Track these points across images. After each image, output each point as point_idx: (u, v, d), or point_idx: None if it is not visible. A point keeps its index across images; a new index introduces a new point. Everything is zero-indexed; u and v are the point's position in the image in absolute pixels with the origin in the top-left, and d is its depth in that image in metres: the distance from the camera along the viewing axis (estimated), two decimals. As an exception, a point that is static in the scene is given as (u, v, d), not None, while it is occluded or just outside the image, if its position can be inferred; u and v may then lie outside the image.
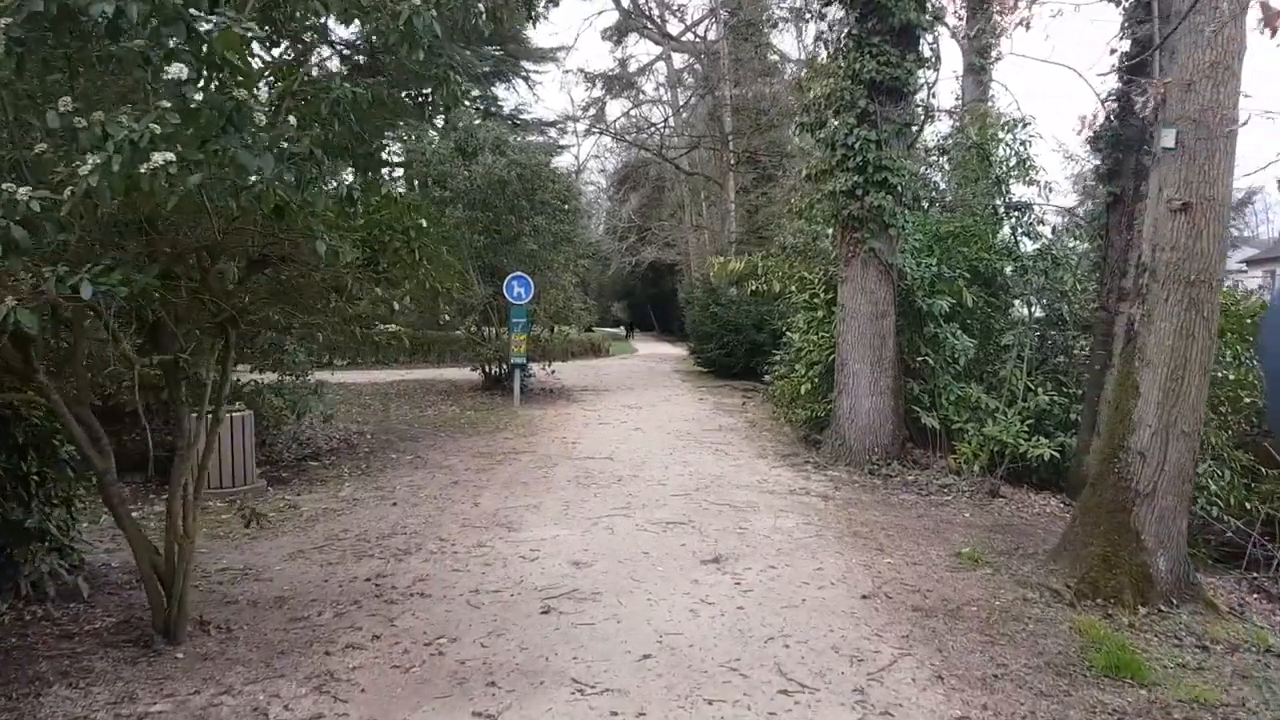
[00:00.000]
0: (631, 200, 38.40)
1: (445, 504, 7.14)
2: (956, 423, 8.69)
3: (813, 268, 10.67)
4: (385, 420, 12.28)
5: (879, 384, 8.66)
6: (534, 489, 7.76)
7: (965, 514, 7.38)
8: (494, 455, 9.57)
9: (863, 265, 8.66)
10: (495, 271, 14.63)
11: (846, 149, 8.47)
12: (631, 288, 55.56)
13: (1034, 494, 8.48)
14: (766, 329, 18.46)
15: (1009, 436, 8.13)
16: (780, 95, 22.22)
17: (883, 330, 8.66)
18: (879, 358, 8.65)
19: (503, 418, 12.79)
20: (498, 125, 14.50)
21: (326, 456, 9.29)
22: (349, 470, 8.63)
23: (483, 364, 15.49)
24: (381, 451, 9.71)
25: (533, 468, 8.81)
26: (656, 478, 8.31)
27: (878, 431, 8.70)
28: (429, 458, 9.39)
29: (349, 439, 10.41)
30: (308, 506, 7.08)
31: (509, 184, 14.00)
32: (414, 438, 10.79)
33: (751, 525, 6.50)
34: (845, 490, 7.98)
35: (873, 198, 8.35)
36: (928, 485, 8.19)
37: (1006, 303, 10.62)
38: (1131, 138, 8.42)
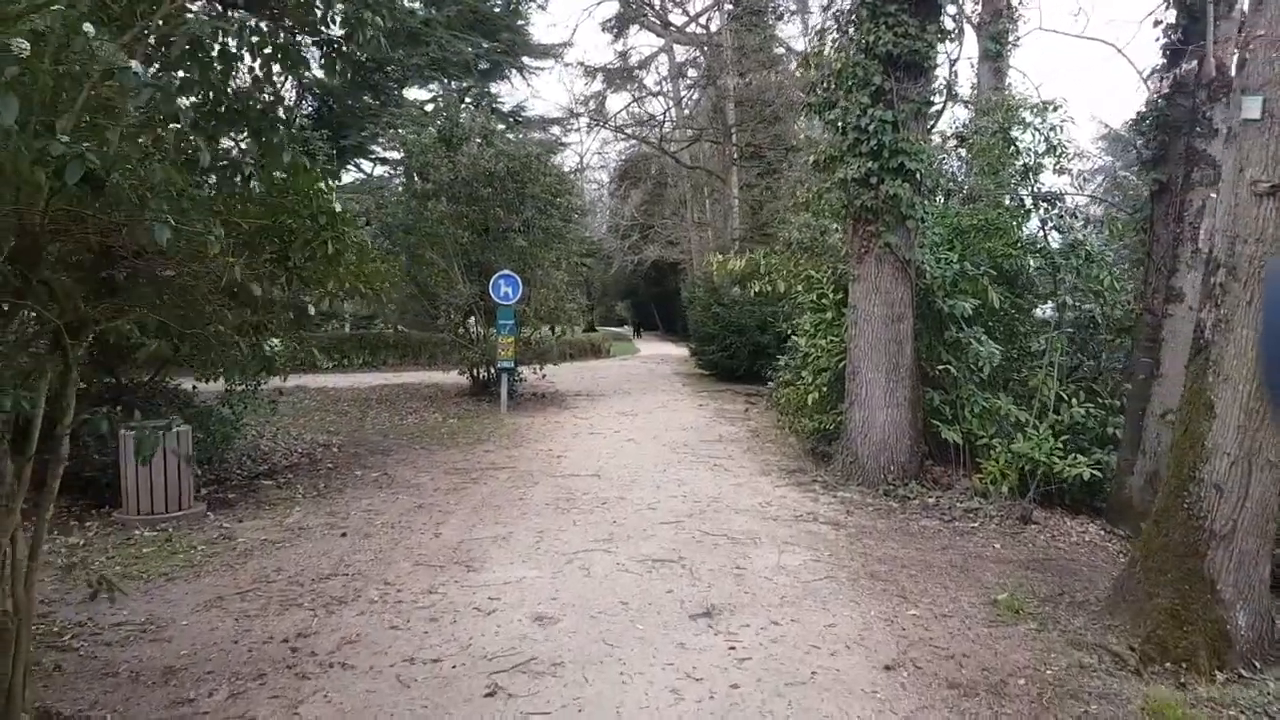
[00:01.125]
0: (633, 197, 37.52)
1: (402, 534, 6.25)
2: (982, 438, 7.79)
3: (820, 265, 9.77)
4: (359, 430, 11.41)
5: (895, 394, 7.75)
6: (506, 514, 6.87)
7: (995, 545, 6.47)
8: (469, 472, 8.68)
9: (877, 262, 7.76)
10: (484, 269, 13.75)
11: (859, 132, 7.57)
12: (635, 287, 54.92)
13: (1069, 519, 7.57)
14: (771, 331, 17.58)
15: (1041, 454, 7.22)
16: (785, 86, 21.31)
17: (899, 334, 7.75)
18: (895, 365, 7.74)
19: (487, 426, 11.90)
20: (485, 114, 13.62)
21: (284, 474, 8.42)
22: (304, 491, 7.75)
23: (470, 368, 14.60)
24: (346, 468, 8.83)
25: (509, 487, 7.93)
26: (646, 500, 7.42)
27: (894, 448, 7.79)
28: (397, 475, 8.51)
29: (313, 452, 9.54)
30: (246, 537, 6.20)
31: (496, 176, 13.10)
32: (385, 450, 9.91)
33: (751, 563, 5.60)
34: (858, 516, 7.08)
35: (888, 186, 7.44)
36: (951, 509, 7.28)
37: (1032, 303, 9.70)
38: (1179, 119, 7.51)
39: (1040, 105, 9.29)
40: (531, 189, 13.81)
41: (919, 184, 7.66)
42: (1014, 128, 9.37)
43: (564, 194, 14.19)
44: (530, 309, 14.12)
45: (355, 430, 11.36)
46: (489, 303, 13.45)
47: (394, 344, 20.97)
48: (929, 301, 8.17)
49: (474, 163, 12.69)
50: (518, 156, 13.30)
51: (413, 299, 14.28)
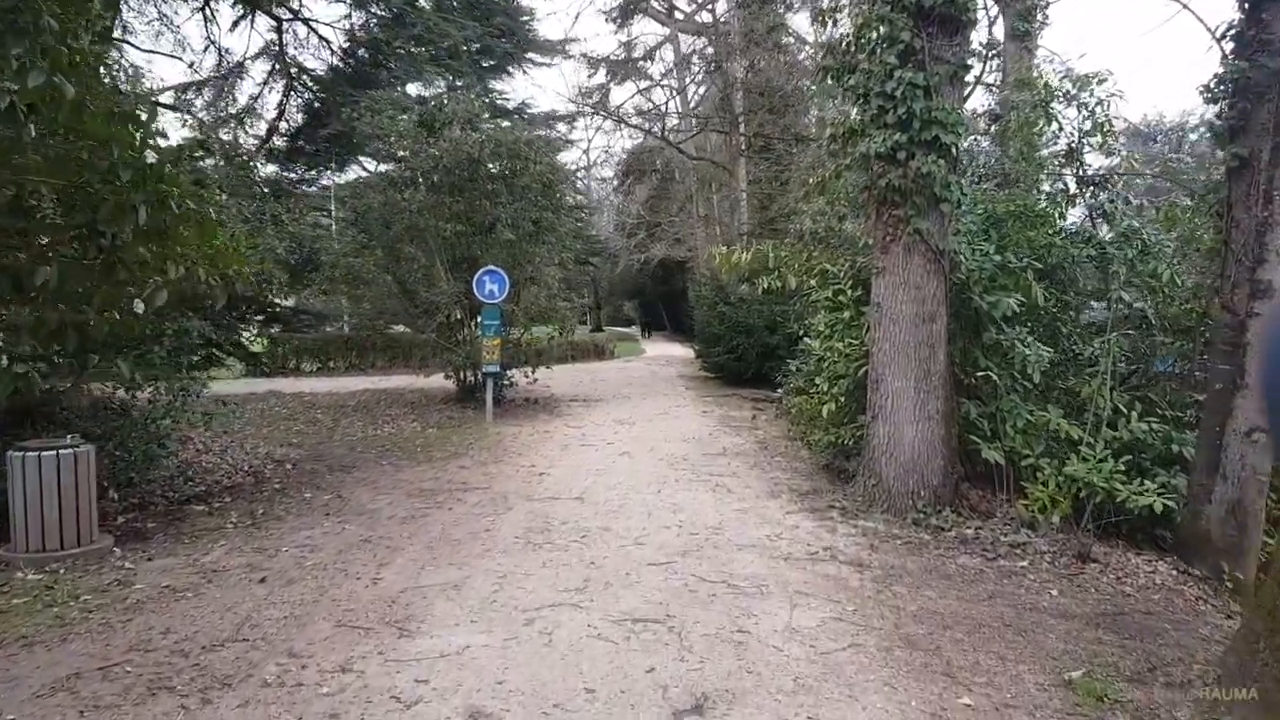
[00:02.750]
0: (637, 193, 36.44)
1: (333, 580, 5.16)
2: (1027, 457, 6.65)
3: (836, 258, 8.65)
4: (325, 442, 10.33)
5: (926, 407, 6.62)
6: (466, 552, 5.77)
7: (1052, 590, 5.35)
8: (436, 494, 7.60)
9: (905, 252, 6.63)
10: (470, 265, 12.65)
11: (884, 99, 6.44)
12: (642, 286, 54.06)
13: (1132, 554, 6.42)
14: (780, 331, 16.47)
15: (1100, 478, 6.10)
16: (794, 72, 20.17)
17: (931, 337, 6.62)
18: (926, 373, 6.61)
19: (468, 437, 10.82)
20: (471, 99, 12.52)
21: (221, 496, 7.35)
22: (238, 518, 6.67)
23: (455, 372, 13.50)
24: (295, 489, 7.75)
25: (477, 514, 6.83)
26: (634, 532, 6.31)
27: (924, 469, 6.66)
28: (351, 498, 7.43)
29: (263, 469, 8.46)
30: (146, 582, 5.13)
31: (481, 163, 12.00)
32: (347, 467, 8.83)
33: (757, 624, 4.49)
34: (885, 552, 5.95)
35: (919, 162, 6.31)
36: (993, 544, 6.15)
37: (1075, 301, 8.55)
38: (1262, 82, 6.35)
39: (1084, 77, 8.17)
40: (521, 178, 12.72)
41: (955, 160, 6.53)
42: (1055, 102, 8.27)
43: (557, 184, 13.05)
44: (519, 308, 13.01)
45: (321, 442, 10.29)
46: (474, 301, 12.37)
47: (383, 346, 19.93)
48: (964, 298, 7.05)
49: (456, 148, 11.59)
50: (504, 142, 12.20)
51: (390, 297, 13.18)
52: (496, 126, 12.73)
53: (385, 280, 12.72)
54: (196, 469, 8.01)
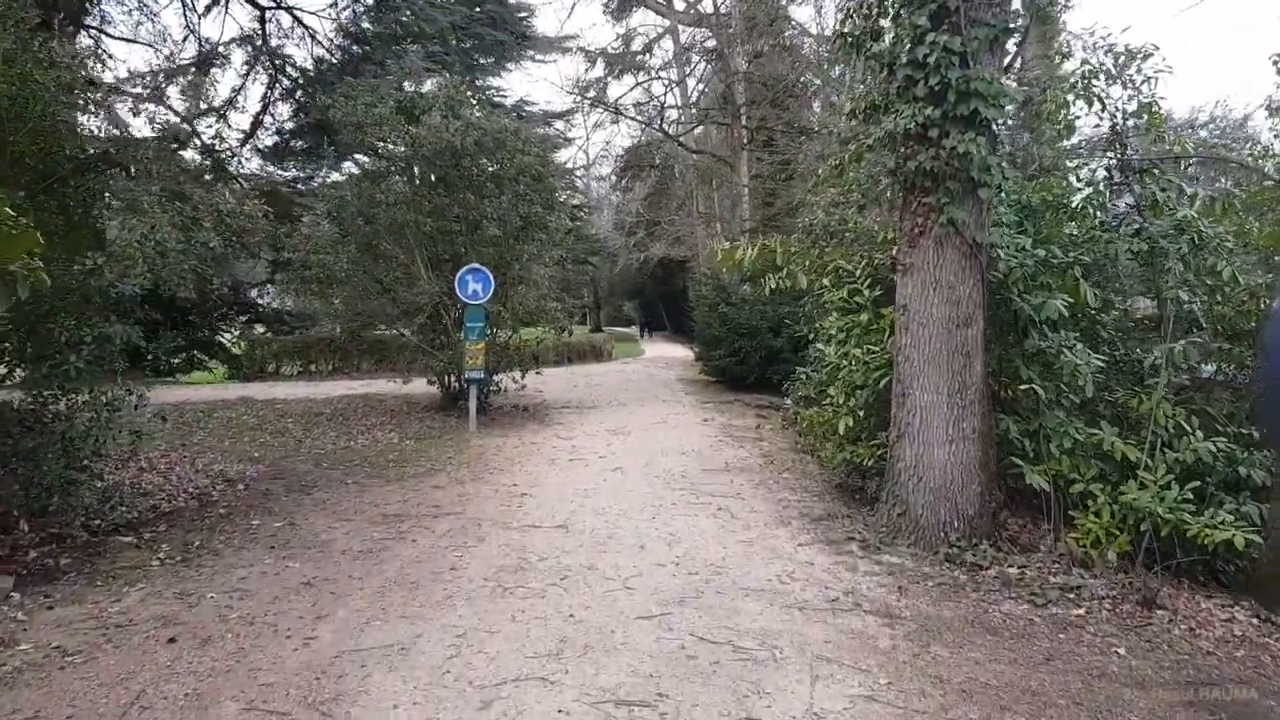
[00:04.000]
0: (636, 190, 35.56)
1: (257, 640, 4.28)
2: (1076, 482, 5.76)
3: (851, 255, 7.76)
4: (289, 456, 9.45)
5: (961, 425, 5.73)
6: (423, 599, 4.89)
7: (1118, 649, 4.47)
8: (401, 520, 6.72)
9: (936, 246, 5.74)
10: (456, 263, 11.75)
11: (914, 67, 5.55)
12: (641, 286, 53.30)
13: (1201, 596, 5.54)
14: (785, 333, 15.59)
15: (1164, 508, 5.22)
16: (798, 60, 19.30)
17: (966, 343, 5.73)
18: (960, 385, 5.73)
19: (447, 450, 9.93)
20: (454, 83, 11.62)
21: (156, 524, 6.46)
22: (168, 553, 5.79)
23: (439, 377, 12.60)
24: (243, 514, 6.86)
25: (444, 548, 5.95)
26: (623, 571, 5.42)
27: (958, 496, 5.77)
28: (305, 525, 6.54)
29: (211, 490, 7.57)
30: (33, 640, 4.25)
31: (465, 153, 11.11)
32: (308, 486, 7.95)
33: (771, 707, 3.60)
34: (916, 597, 5.07)
35: (955, 141, 5.42)
36: (1042, 586, 5.26)
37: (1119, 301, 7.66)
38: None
39: (1128, 52, 7.29)
40: (507, 169, 11.84)
41: (995, 139, 5.64)
42: (1097, 81, 7.39)
43: (547, 176, 12.16)
44: (506, 309, 12.12)
45: (285, 456, 9.40)
46: (457, 302, 11.49)
47: (368, 349, 19.04)
48: (1002, 299, 6.16)
49: (436, 136, 10.69)
50: (490, 131, 11.30)
51: (368, 298, 12.29)
52: (482, 114, 11.79)
53: (361, 279, 11.83)
54: (133, 491, 7.12)
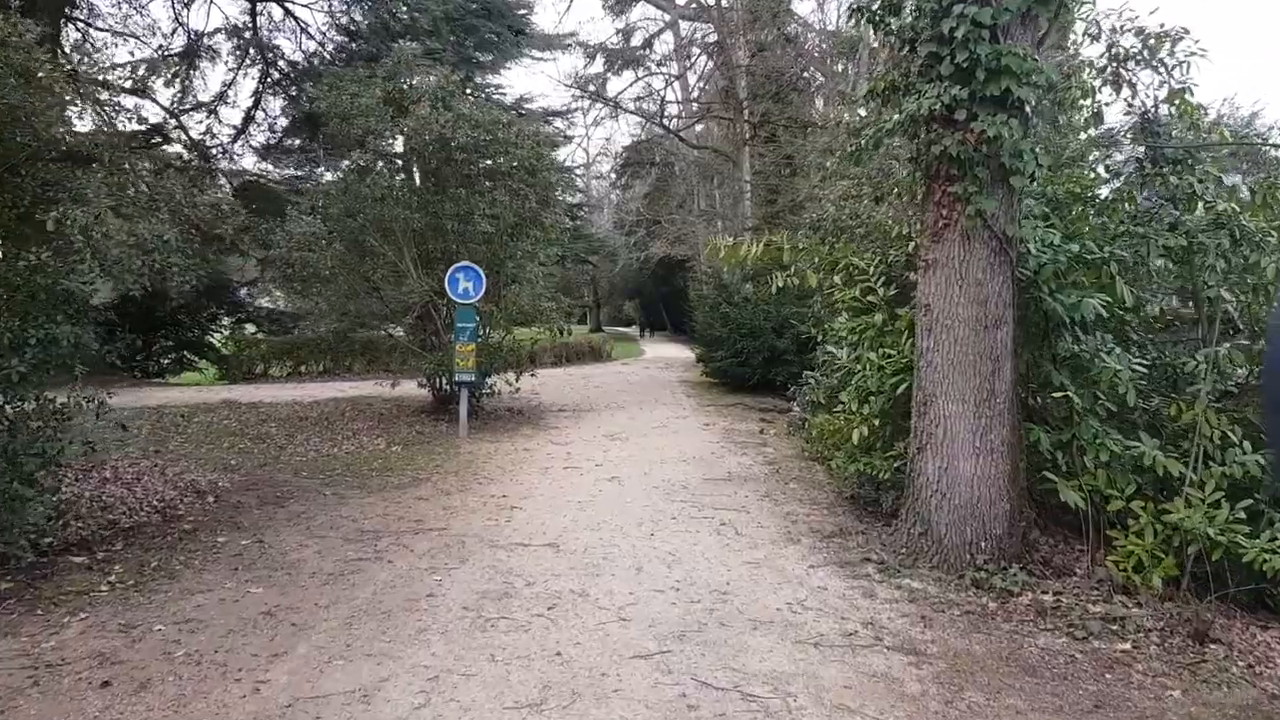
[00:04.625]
0: (636, 188, 35.07)
1: (201, 683, 3.77)
2: (1114, 499, 5.25)
3: (864, 251, 7.26)
4: (268, 464, 8.94)
5: (988, 436, 5.23)
6: (394, 633, 4.39)
7: (1173, 691, 3.97)
8: (379, 537, 6.21)
9: (963, 240, 5.24)
10: (447, 260, 11.24)
11: (939, 42, 5.05)
12: (642, 285, 52.91)
13: (1257, 628, 5.03)
14: (789, 334, 15.09)
15: (1217, 529, 4.73)
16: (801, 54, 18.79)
17: (995, 348, 5.23)
18: (989, 393, 5.22)
19: (435, 458, 9.42)
20: (444, 72, 11.09)
21: (113, 541, 5.95)
22: (121, 575, 5.28)
23: (430, 379, 12.09)
24: (209, 530, 6.35)
25: (423, 570, 5.44)
26: (618, 599, 4.91)
27: (985, 514, 5.27)
28: (275, 543, 6.04)
29: (178, 503, 7.06)
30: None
31: (455, 145, 10.60)
32: (283, 498, 7.44)
33: (785, 771, 3.11)
34: (943, 628, 4.57)
35: (984, 123, 4.92)
36: (1081, 617, 4.75)
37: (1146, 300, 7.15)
38: None
39: (1159, 34, 6.78)
40: (500, 162, 11.33)
41: (1028, 120, 5.13)
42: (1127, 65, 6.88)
43: (542, 170, 11.64)
44: (500, 309, 11.61)
45: (263, 465, 8.89)
46: (448, 301, 10.99)
47: (360, 350, 18.53)
48: (1030, 299, 5.65)
49: (424, 126, 10.18)
50: (481, 123, 10.78)
51: (353, 297, 11.79)
52: (473, 103, 11.26)
53: (348, 278, 11.32)
54: (93, 505, 6.61)
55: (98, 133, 11.37)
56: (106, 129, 18.44)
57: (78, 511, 6.28)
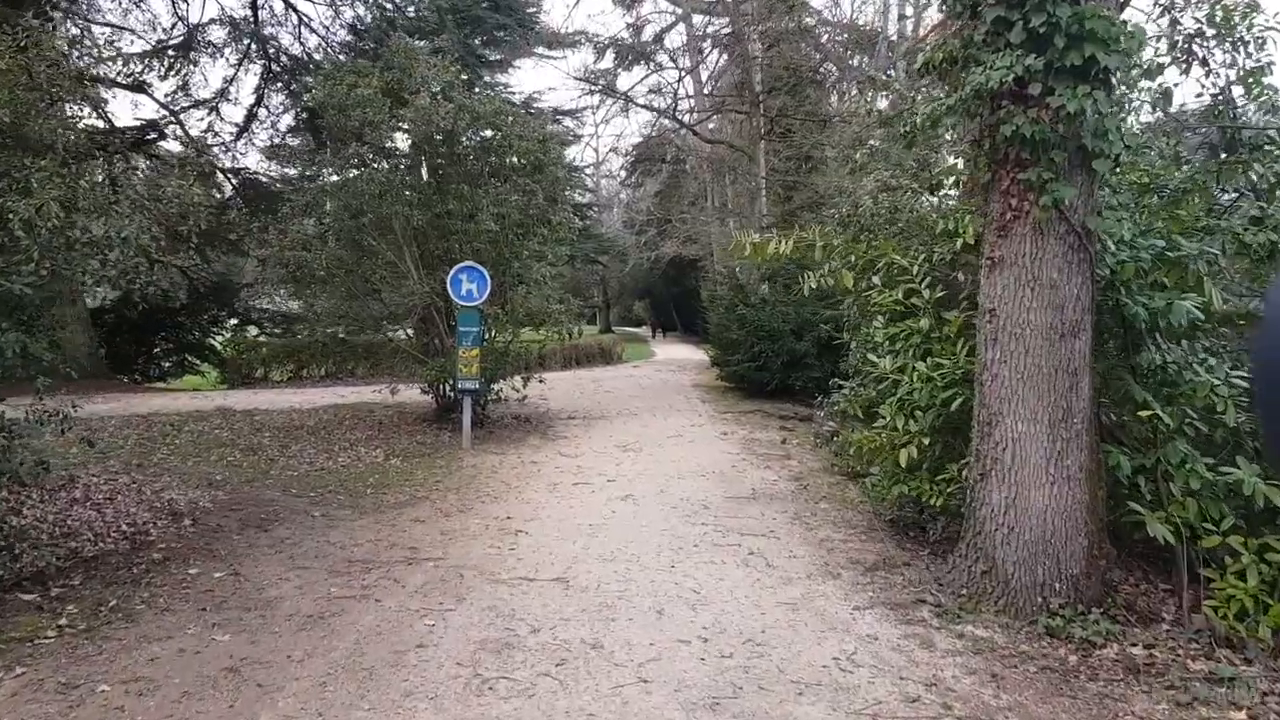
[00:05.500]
0: (647, 186, 34.40)
1: (136, 773, 3.13)
2: (1209, 533, 4.55)
3: (907, 248, 6.56)
4: (256, 479, 8.30)
5: (1064, 461, 4.53)
6: (376, 696, 3.72)
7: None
8: (369, 569, 5.56)
9: (1035, 235, 4.54)
10: (449, 260, 10.60)
11: (1008, 6, 4.35)
12: (652, 285, 52.33)
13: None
14: (810, 336, 14.39)
15: (1336, 571, 4.03)
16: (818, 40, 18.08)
17: (1073, 359, 4.53)
18: (1065, 412, 4.52)
19: (435, 473, 8.77)
20: (443, 63, 10.42)
21: (71, 574, 5.31)
22: (74, 617, 4.63)
23: (433, 385, 11.43)
24: (181, 560, 5.70)
25: (415, 612, 4.78)
26: (636, 652, 4.24)
27: (1060, 552, 4.57)
28: (252, 576, 5.39)
29: (150, 527, 6.40)
30: None
31: (457, 139, 9.95)
32: (268, 520, 6.79)
33: None
34: (1018, 690, 3.88)
35: (1064, 97, 4.22)
36: (1180, 677, 4.05)
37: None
38: None
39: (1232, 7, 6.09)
40: (506, 156, 10.68)
41: (1114, 92, 4.43)
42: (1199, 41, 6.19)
43: (549, 165, 10.97)
44: (505, 312, 10.95)
45: (251, 480, 8.24)
46: (450, 304, 10.35)
47: (365, 353, 17.88)
48: (1106, 302, 4.96)
49: (424, 119, 9.52)
50: (482, 114, 10.12)
51: (352, 299, 11.15)
52: (475, 96, 10.59)
53: (344, 278, 10.67)
54: (55, 531, 5.98)
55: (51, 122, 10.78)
56: (102, 125, 17.93)
57: (36, 539, 5.63)
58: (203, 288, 17.78)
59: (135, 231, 4.58)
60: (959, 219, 5.81)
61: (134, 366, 19.87)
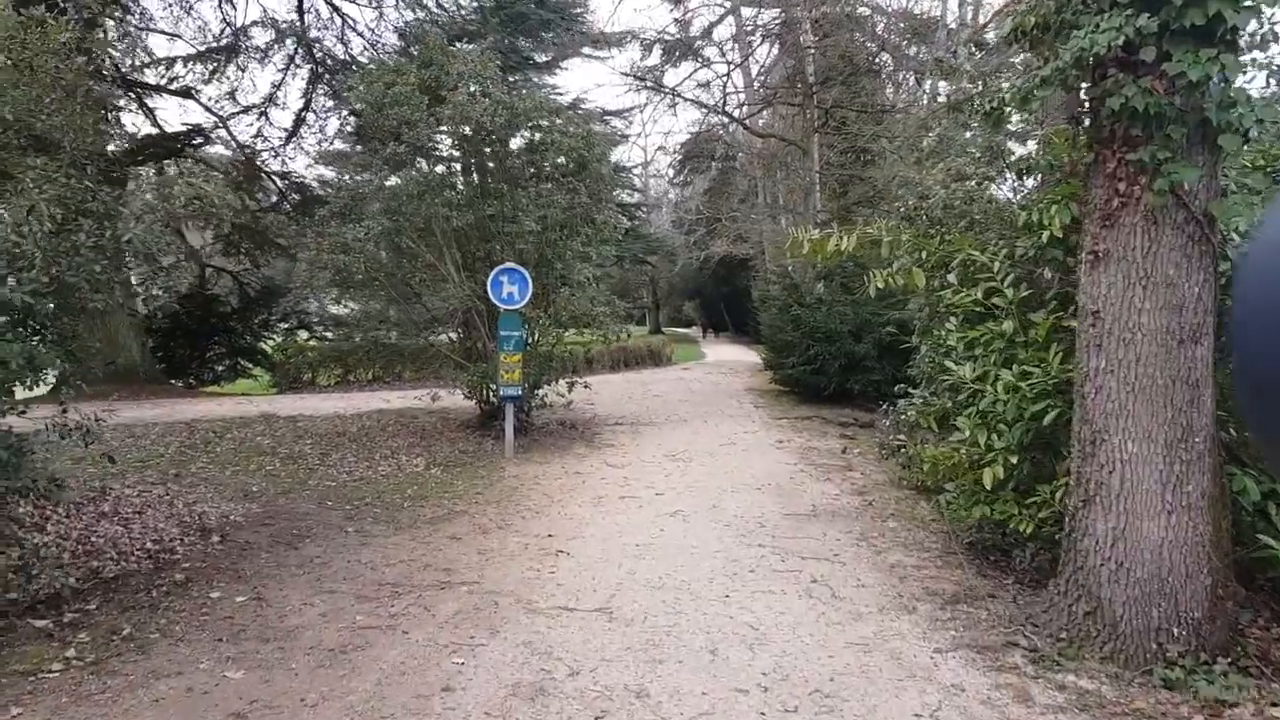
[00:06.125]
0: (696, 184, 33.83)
1: None
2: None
3: (985, 244, 5.95)
4: (295, 490, 7.99)
5: (1184, 487, 3.91)
6: (392, 756, 3.30)
7: None
8: (398, 594, 5.16)
9: (1148, 225, 3.93)
10: (490, 262, 10.23)
11: (1116, -42, 3.76)
12: (702, 285, 51.74)
13: None
14: (869, 337, 13.72)
15: None
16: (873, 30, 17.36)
17: (1193, 369, 3.91)
18: (1185, 429, 3.91)
19: (476, 484, 8.38)
20: (482, 57, 10.01)
21: (88, 597, 4.99)
22: (84, 647, 4.29)
23: (475, 391, 11.05)
24: (203, 582, 5.36)
25: (443, 647, 4.35)
26: (687, 706, 3.72)
27: (1179, 592, 3.95)
28: (277, 600, 5.02)
29: (176, 545, 6.08)
30: None
31: (495, 135, 9.55)
32: (300, 536, 6.44)
33: None
34: (1140, 762, 3.29)
35: (1183, 63, 3.61)
36: (1334, 742, 3.43)
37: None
38: None
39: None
40: (548, 154, 10.26)
41: (1239, 59, 3.80)
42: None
43: (593, 161, 10.51)
44: (548, 315, 10.52)
45: (288, 491, 7.94)
46: (491, 306, 9.96)
47: (411, 356, 17.65)
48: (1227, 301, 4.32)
49: (461, 115, 9.13)
50: (521, 109, 9.70)
51: (391, 302, 10.84)
52: (514, 92, 10.17)
53: (384, 281, 10.37)
54: (78, 547, 5.70)
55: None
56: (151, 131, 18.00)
57: (57, 558, 5.33)
58: (252, 291, 17.71)
59: (141, 234, 4.23)
60: (1044, 209, 5.22)
61: (188, 371, 19.96)
